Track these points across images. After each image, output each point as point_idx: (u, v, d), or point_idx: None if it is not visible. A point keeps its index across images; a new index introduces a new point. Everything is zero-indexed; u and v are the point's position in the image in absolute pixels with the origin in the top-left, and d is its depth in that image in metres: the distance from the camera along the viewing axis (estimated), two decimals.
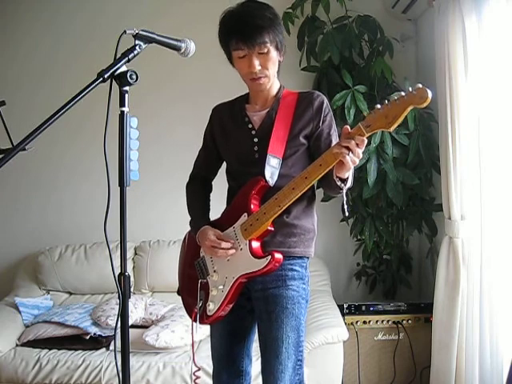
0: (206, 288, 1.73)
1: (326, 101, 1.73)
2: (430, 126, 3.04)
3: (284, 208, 1.60)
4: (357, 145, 1.45)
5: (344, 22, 3.16)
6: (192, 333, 1.72)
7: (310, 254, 1.76)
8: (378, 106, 1.47)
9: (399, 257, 3.32)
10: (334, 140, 1.71)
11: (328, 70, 3.17)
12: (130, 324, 1.43)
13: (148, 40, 1.39)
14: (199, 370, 1.82)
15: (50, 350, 2.72)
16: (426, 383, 2.82)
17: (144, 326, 2.87)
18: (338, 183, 1.56)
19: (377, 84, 3.03)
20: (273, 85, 1.73)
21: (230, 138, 1.77)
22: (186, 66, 3.07)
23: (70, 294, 3.33)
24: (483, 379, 2.42)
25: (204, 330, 2.85)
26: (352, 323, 2.94)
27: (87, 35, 3.53)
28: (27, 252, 3.49)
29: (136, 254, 3.35)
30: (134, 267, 3.31)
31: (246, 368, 1.86)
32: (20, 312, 3.00)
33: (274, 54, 1.63)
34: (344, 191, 1.59)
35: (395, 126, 1.46)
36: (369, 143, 2.87)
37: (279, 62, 1.69)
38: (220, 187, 1.95)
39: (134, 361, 2.59)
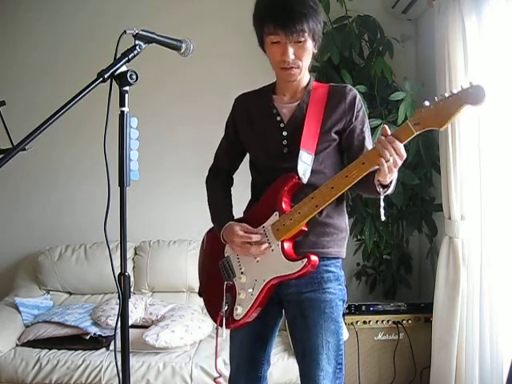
0: (232, 290, 1.63)
1: (358, 96, 1.65)
2: None
3: (321, 208, 1.52)
4: (394, 150, 1.37)
5: (344, 22, 3.16)
6: (217, 338, 1.63)
7: (343, 255, 1.68)
8: (427, 102, 1.37)
9: (399, 257, 3.32)
10: (367, 137, 1.64)
11: (328, 70, 3.17)
12: (130, 324, 1.43)
13: (148, 40, 1.39)
14: (220, 376, 1.74)
15: (50, 350, 2.72)
16: (426, 383, 2.82)
17: (144, 326, 2.86)
18: (378, 188, 1.46)
19: (377, 84, 3.03)
20: (303, 76, 1.63)
21: (257, 131, 1.67)
22: (186, 66, 3.07)
23: (70, 294, 3.33)
24: (483, 379, 2.42)
25: (203, 330, 2.86)
26: (352, 323, 2.94)
27: (87, 35, 3.53)
28: (27, 252, 3.49)
29: (136, 253, 3.35)
30: (134, 267, 3.30)
31: (264, 373, 1.78)
32: (20, 312, 2.99)
33: (309, 45, 1.53)
34: (382, 196, 1.48)
35: (447, 125, 1.36)
36: None
37: (313, 53, 1.58)
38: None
39: (134, 361, 2.59)
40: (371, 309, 3.00)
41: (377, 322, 2.96)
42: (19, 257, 3.53)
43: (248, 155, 1.78)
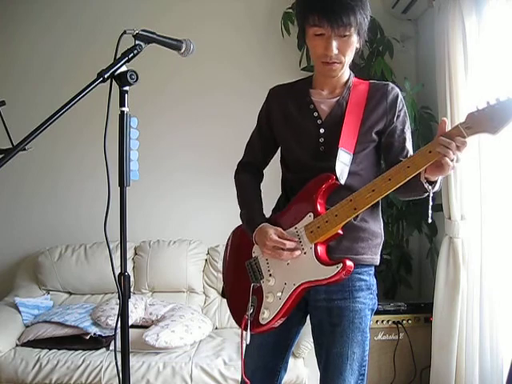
0: (259, 293, 1.55)
1: (400, 94, 1.56)
2: (430, 126, 3.04)
3: (360, 212, 1.43)
4: (457, 147, 1.30)
5: None
6: (242, 343, 1.54)
7: (377, 262, 1.59)
8: (480, 105, 1.29)
9: (399, 257, 3.31)
10: (408, 138, 1.57)
11: None
12: (130, 324, 1.43)
13: (148, 40, 1.38)
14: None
15: (50, 350, 2.72)
16: (426, 383, 2.82)
17: (144, 326, 2.86)
18: (426, 185, 1.39)
19: None
20: (344, 71, 1.55)
21: (292, 126, 1.58)
22: (186, 66, 3.07)
23: (70, 294, 3.33)
24: (483, 379, 2.42)
25: (203, 330, 2.86)
26: None
27: (87, 35, 3.53)
28: (27, 252, 3.49)
29: (136, 254, 3.35)
30: (134, 267, 3.31)
31: (280, 381, 1.70)
32: (20, 312, 2.99)
33: (354, 39, 1.44)
34: (431, 195, 1.41)
35: (501, 131, 1.27)
36: None
37: (357, 49, 1.50)
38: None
39: (134, 361, 2.59)
40: None
41: (377, 321, 2.95)
42: (19, 257, 3.53)
43: (279, 150, 1.70)
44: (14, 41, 3.59)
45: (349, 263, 1.41)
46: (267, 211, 1.66)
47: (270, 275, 1.55)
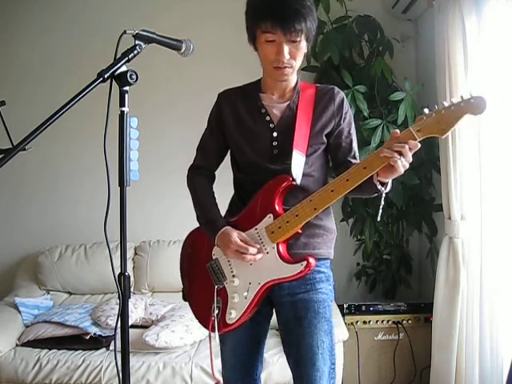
0: (223, 294, 1.60)
1: (345, 97, 1.65)
2: None
3: (320, 211, 1.50)
4: (409, 149, 1.39)
5: (344, 22, 3.16)
6: (210, 344, 1.60)
7: (332, 256, 1.68)
8: (426, 110, 1.41)
9: (399, 257, 3.32)
10: (354, 139, 1.65)
11: (328, 70, 3.17)
12: (130, 324, 1.43)
13: (148, 40, 1.39)
14: (218, 383, 1.72)
15: (50, 350, 2.72)
16: (426, 383, 2.82)
17: (144, 326, 2.86)
18: (379, 187, 1.48)
19: (377, 84, 3.03)
20: (293, 76, 1.62)
21: (244, 129, 1.63)
22: (186, 66, 3.07)
23: (70, 294, 3.33)
24: (483, 379, 2.42)
25: (204, 330, 2.85)
26: (352, 323, 2.94)
27: (87, 35, 3.53)
28: (27, 252, 3.49)
29: (136, 254, 3.35)
30: (134, 267, 3.31)
31: (259, 374, 1.76)
32: (20, 312, 2.99)
33: (303, 45, 1.51)
34: (383, 195, 1.50)
35: (448, 133, 1.39)
36: (368, 143, 2.87)
37: (305, 53, 1.56)
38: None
39: (134, 361, 2.59)
40: (371, 309, 3.00)
41: (377, 321, 2.96)
42: (19, 257, 3.53)
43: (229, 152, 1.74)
44: (13, 41, 3.59)
45: (311, 260, 1.48)
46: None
47: (234, 276, 1.59)
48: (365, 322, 2.95)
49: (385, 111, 3.04)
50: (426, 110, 1.41)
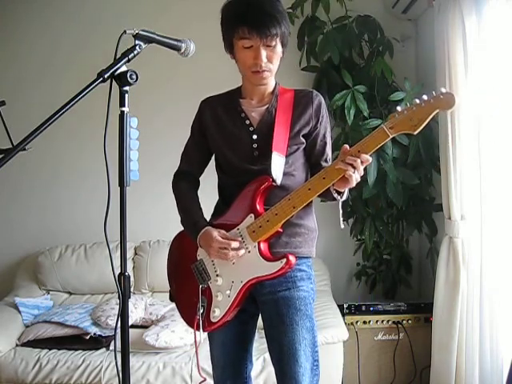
0: (208, 293, 1.65)
1: (323, 101, 1.70)
2: (430, 126, 3.04)
3: (299, 209, 1.56)
4: (361, 163, 1.45)
5: (344, 22, 3.16)
6: (196, 342, 1.63)
7: (314, 254, 1.73)
8: (399, 108, 1.46)
9: (399, 257, 3.32)
10: (329, 143, 1.72)
11: (328, 70, 3.17)
12: (130, 324, 1.43)
13: (148, 40, 1.39)
14: (205, 380, 1.75)
15: (50, 350, 2.72)
16: (426, 383, 2.82)
17: (144, 326, 2.87)
18: (335, 195, 1.58)
19: (377, 84, 3.03)
20: (271, 80, 1.67)
21: (225, 134, 1.68)
22: (186, 66, 3.07)
23: (70, 293, 3.33)
24: (483, 379, 2.42)
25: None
26: (352, 323, 2.94)
27: (87, 35, 3.53)
28: (27, 252, 3.49)
29: (136, 254, 3.35)
30: (134, 267, 3.31)
31: (249, 373, 1.79)
32: (20, 312, 2.99)
33: (279, 49, 1.57)
34: (340, 203, 1.59)
35: (420, 129, 1.45)
36: None
37: (281, 57, 1.62)
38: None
39: (134, 361, 2.59)
40: (371, 309, 3.00)
41: (377, 321, 2.96)
42: (19, 257, 3.53)
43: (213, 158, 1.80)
44: (13, 40, 3.59)
45: (291, 258, 1.53)
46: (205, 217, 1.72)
47: (217, 275, 1.64)
48: (365, 322, 2.95)
49: (385, 111, 3.04)
50: (399, 108, 1.46)
